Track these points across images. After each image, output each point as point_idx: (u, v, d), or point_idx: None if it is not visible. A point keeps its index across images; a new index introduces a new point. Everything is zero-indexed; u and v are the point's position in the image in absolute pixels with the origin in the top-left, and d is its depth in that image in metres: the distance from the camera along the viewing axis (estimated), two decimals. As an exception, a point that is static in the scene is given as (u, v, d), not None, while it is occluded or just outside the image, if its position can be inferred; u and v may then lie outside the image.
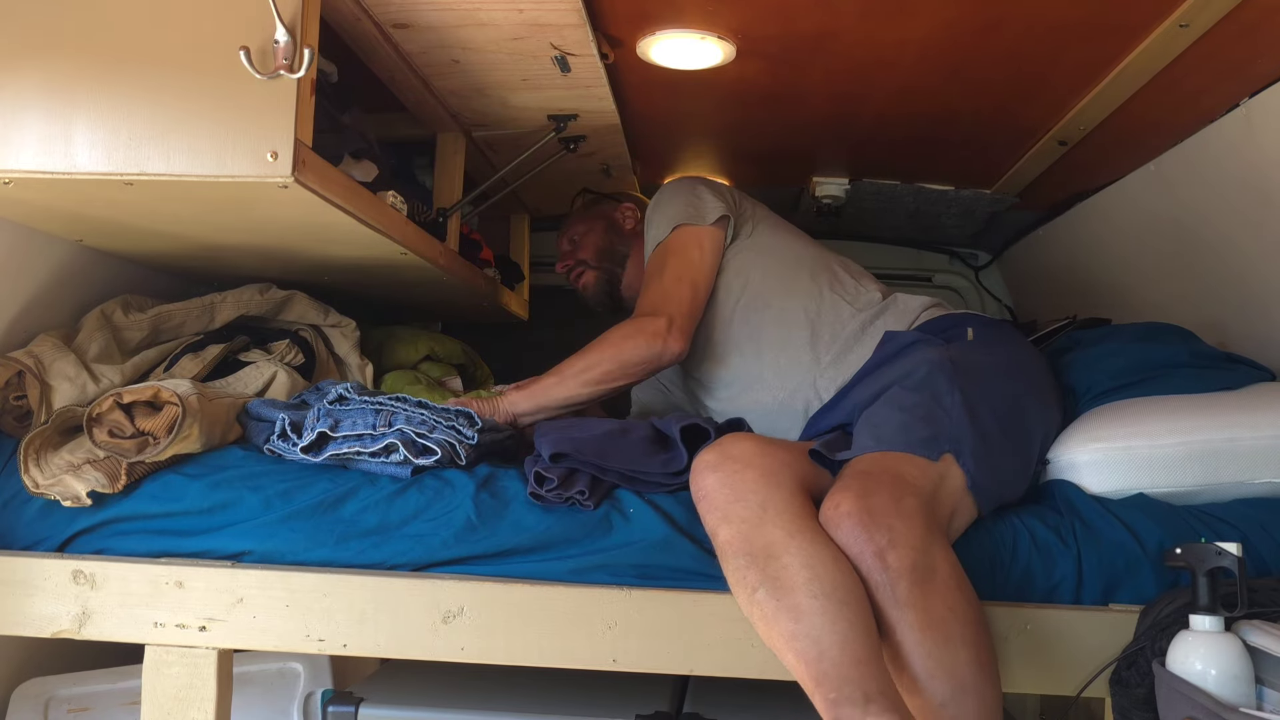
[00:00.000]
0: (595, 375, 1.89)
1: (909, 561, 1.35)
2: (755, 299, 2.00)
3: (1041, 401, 1.74)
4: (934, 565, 1.36)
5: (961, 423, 1.58)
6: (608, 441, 1.63)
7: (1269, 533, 1.53)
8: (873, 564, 1.36)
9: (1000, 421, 1.62)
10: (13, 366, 1.67)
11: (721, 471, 1.46)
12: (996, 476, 1.58)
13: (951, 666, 1.31)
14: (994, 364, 1.75)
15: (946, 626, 1.32)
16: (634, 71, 1.89)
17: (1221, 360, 1.83)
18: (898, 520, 1.38)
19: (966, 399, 1.62)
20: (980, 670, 1.33)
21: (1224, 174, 1.94)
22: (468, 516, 1.55)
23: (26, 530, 1.59)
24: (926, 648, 1.31)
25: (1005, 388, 1.69)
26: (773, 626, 1.33)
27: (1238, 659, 1.25)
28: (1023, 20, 1.62)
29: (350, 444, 1.61)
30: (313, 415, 1.64)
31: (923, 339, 1.82)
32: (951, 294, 3.31)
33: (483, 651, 1.49)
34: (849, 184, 2.60)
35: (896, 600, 1.33)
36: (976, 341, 1.82)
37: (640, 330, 1.89)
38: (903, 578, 1.34)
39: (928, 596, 1.33)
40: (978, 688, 1.32)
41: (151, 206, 1.56)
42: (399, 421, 1.62)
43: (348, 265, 2.00)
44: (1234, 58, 1.66)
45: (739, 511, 1.41)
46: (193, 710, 1.52)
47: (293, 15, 1.35)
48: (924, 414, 1.60)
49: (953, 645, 1.32)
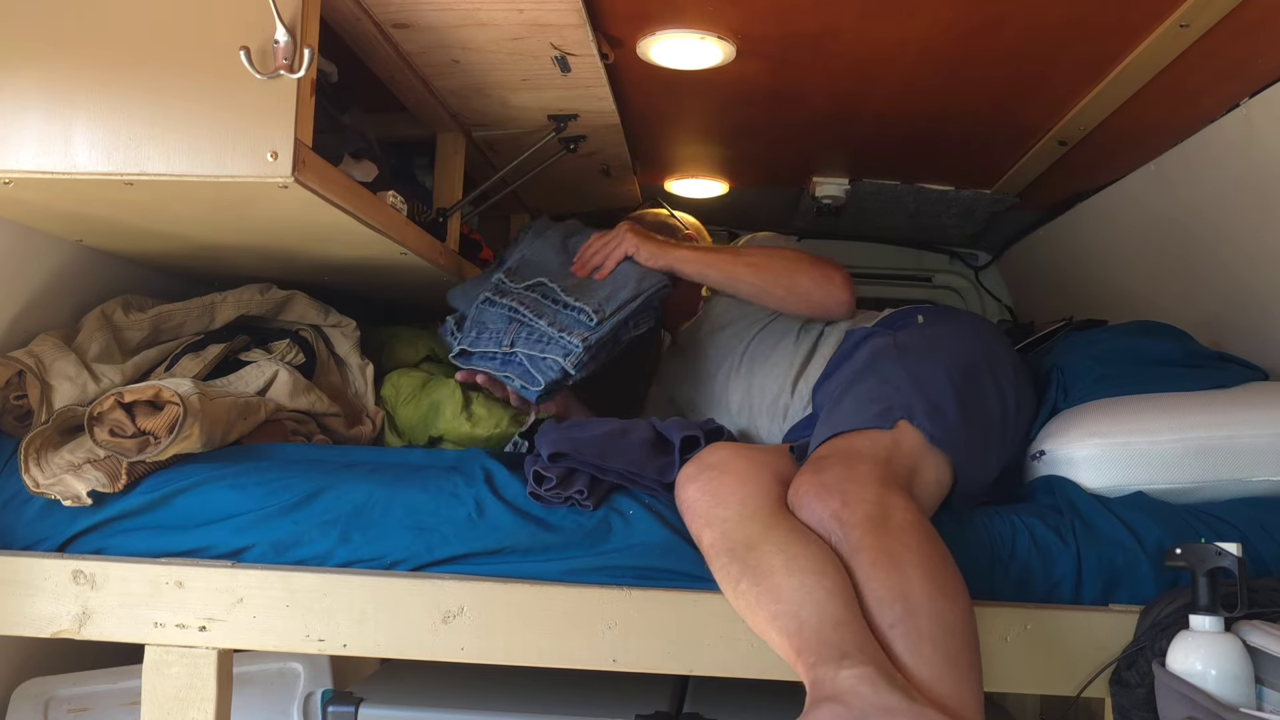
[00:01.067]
0: (764, 279, 1.92)
1: (861, 514, 1.37)
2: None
3: (998, 368, 1.75)
4: (888, 513, 1.37)
5: (909, 391, 1.61)
6: (608, 442, 1.63)
7: (1269, 533, 1.53)
8: (831, 526, 1.38)
9: (954, 384, 1.64)
10: (13, 366, 1.67)
11: (700, 480, 1.49)
12: (960, 433, 1.59)
13: (901, 589, 1.29)
14: (941, 337, 1.79)
15: (897, 556, 1.32)
16: (634, 71, 1.89)
17: (1215, 360, 1.84)
18: (850, 484, 1.41)
19: (911, 371, 1.66)
20: (939, 593, 1.29)
21: (1224, 174, 1.94)
22: (468, 513, 1.55)
23: (26, 530, 1.59)
24: (878, 578, 1.30)
25: (955, 356, 1.72)
26: (757, 612, 1.33)
27: (1238, 659, 1.25)
28: (1023, 20, 1.62)
29: (484, 361, 1.77)
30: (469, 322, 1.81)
31: (875, 332, 1.86)
32: (951, 294, 3.32)
33: (483, 651, 1.49)
34: (849, 184, 2.60)
35: (852, 548, 1.35)
36: (926, 325, 1.86)
37: (831, 276, 1.91)
38: (856, 527, 1.36)
39: (880, 538, 1.34)
40: (932, 609, 1.27)
41: (151, 206, 1.56)
42: (520, 343, 1.71)
43: (348, 265, 2.00)
44: (1234, 58, 1.66)
45: (719, 513, 1.44)
46: (193, 710, 1.52)
47: (293, 15, 1.35)
48: (873, 394, 1.64)
49: (903, 570, 1.30)
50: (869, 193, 2.67)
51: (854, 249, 3.26)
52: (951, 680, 1.23)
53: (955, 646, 1.26)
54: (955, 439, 1.57)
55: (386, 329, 2.36)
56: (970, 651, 1.27)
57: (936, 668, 1.23)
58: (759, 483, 1.47)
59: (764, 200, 2.90)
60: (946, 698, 1.21)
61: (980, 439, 1.64)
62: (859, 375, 1.72)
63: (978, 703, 1.24)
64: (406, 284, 2.26)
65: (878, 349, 1.77)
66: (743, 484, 1.46)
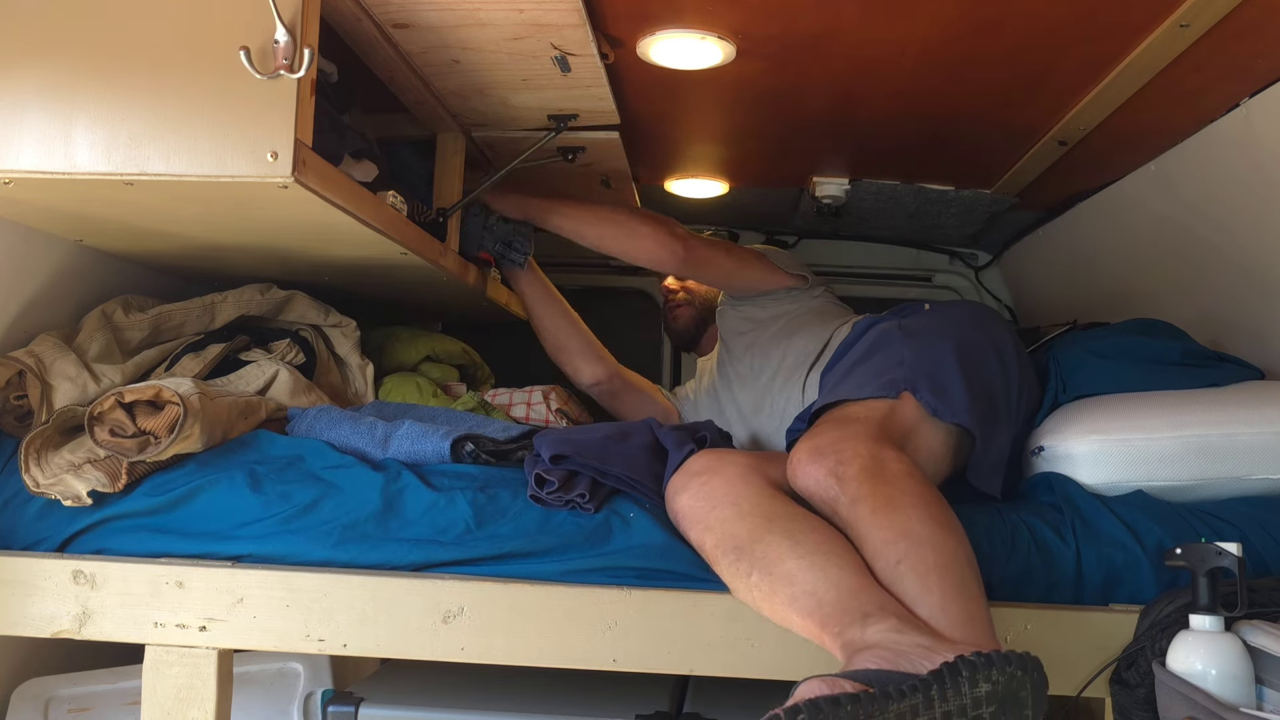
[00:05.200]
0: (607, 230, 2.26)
1: (857, 466, 1.41)
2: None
3: (1001, 346, 1.80)
4: (883, 464, 1.41)
5: (914, 366, 1.67)
6: (608, 445, 1.63)
7: (1269, 532, 1.53)
8: (828, 483, 1.42)
9: (959, 361, 1.69)
10: (13, 366, 1.67)
11: (690, 490, 1.50)
12: (966, 407, 1.62)
13: (903, 527, 1.33)
14: (947, 320, 1.86)
15: (895, 500, 1.37)
16: (634, 71, 1.89)
17: (1212, 359, 1.84)
18: (844, 441, 1.46)
19: (916, 349, 1.72)
20: (937, 526, 1.34)
21: (1224, 174, 1.94)
22: (465, 521, 1.55)
23: (26, 530, 1.59)
24: (879, 521, 1.35)
25: (961, 335, 1.78)
26: (774, 600, 1.35)
27: (1238, 659, 1.25)
28: (1023, 20, 1.62)
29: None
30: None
31: (882, 318, 1.95)
32: (951, 294, 3.32)
33: (483, 651, 1.49)
34: (849, 184, 2.60)
35: (852, 499, 1.39)
36: (933, 311, 1.93)
37: (665, 241, 2.20)
38: (852, 480, 1.40)
39: (877, 485, 1.39)
40: (933, 539, 1.33)
41: (151, 206, 1.56)
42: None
43: (348, 265, 2.00)
44: (1234, 57, 1.66)
45: (717, 515, 1.45)
46: (193, 710, 1.52)
47: (293, 15, 1.35)
48: (878, 369, 1.70)
49: (903, 510, 1.35)
50: (869, 192, 2.67)
51: (854, 249, 3.26)
52: (960, 606, 1.28)
53: (960, 574, 1.31)
54: (960, 413, 1.61)
55: (386, 329, 2.37)
56: (975, 581, 1.33)
57: (946, 595, 1.28)
58: (749, 482, 1.49)
59: (764, 200, 2.90)
60: (960, 625, 1.26)
61: (987, 414, 1.67)
62: (864, 356, 1.79)
63: (989, 626, 1.29)
64: (406, 284, 2.26)
65: (884, 332, 1.84)
66: (733, 486, 1.48)
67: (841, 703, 1.07)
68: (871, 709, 1.07)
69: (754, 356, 2.22)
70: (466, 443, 1.71)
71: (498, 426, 1.79)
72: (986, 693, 1.11)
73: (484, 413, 2.08)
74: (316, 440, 1.70)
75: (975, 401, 1.64)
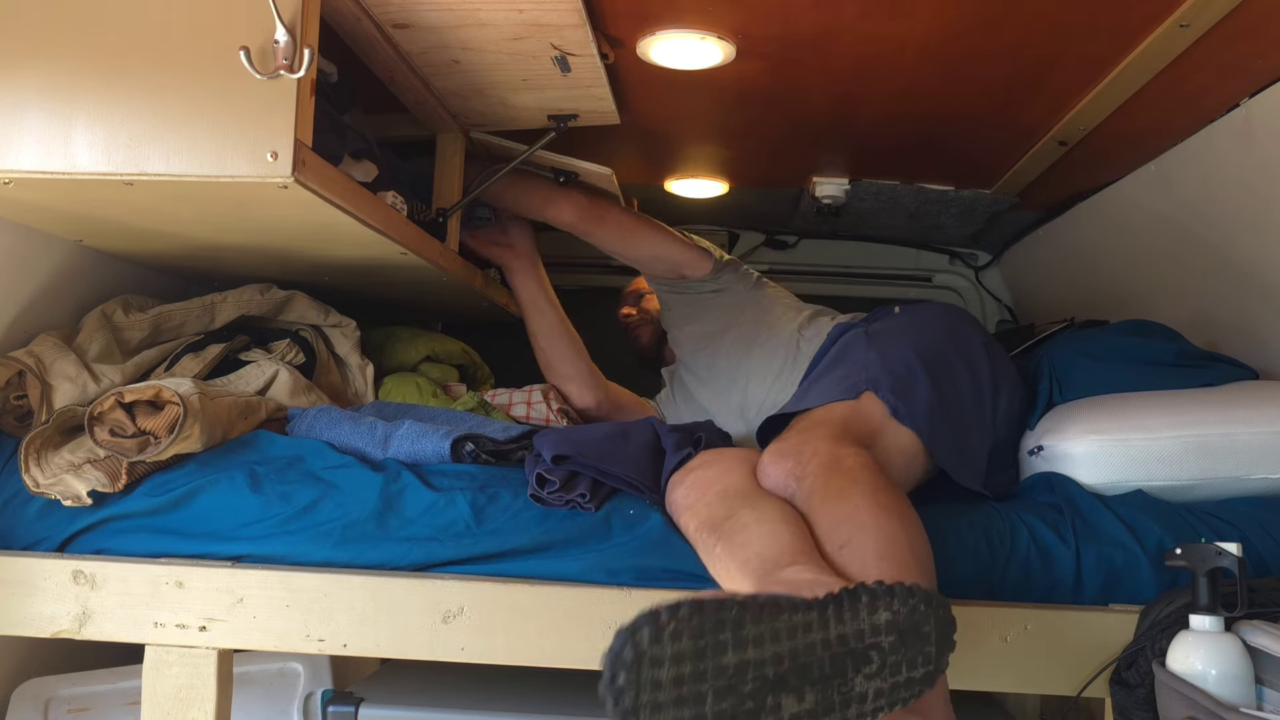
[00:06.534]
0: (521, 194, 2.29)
1: (816, 464, 1.45)
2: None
3: (968, 348, 1.81)
4: (840, 460, 1.44)
5: (876, 367, 1.70)
6: (609, 445, 1.63)
7: (1269, 532, 1.53)
8: (788, 482, 1.46)
9: (922, 361, 1.71)
10: (13, 366, 1.67)
11: (685, 483, 1.55)
12: (930, 409, 1.64)
13: (849, 515, 1.35)
14: (913, 322, 1.89)
15: (845, 491, 1.39)
16: (634, 71, 1.89)
17: (1207, 359, 1.85)
18: (804, 443, 1.51)
19: (879, 351, 1.75)
20: (886, 515, 1.35)
21: (1224, 174, 1.94)
22: (465, 521, 1.55)
23: (26, 530, 1.59)
24: (827, 510, 1.38)
25: (922, 336, 1.81)
26: (729, 567, 1.37)
27: (1238, 659, 1.25)
28: (1023, 20, 1.62)
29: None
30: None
31: (853, 325, 1.99)
32: (951, 294, 3.31)
33: (483, 651, 1.49)
34: (849, 184, 2.60)
35: (806, 493, 1.42)
36: (901, 313, 1.96)
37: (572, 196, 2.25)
38: (809, 476, 1.44)
39: (830, 479, 1.41)
40: (877, 524, 1.33)
41: (151, 206, 1.56)
42: None
43: (348, 265, 2.00)
44: (1234, 58, 1.66)
45: (702, 499, 1.49)
46: (193, 710, 1.52)
47: (293, 15, 1.35)
48: (840, 375, 1.73)
49: (851, 500, 1.37)
50: (869, 193, 2.67)
51: (854, 249, 3.26)
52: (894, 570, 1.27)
53: (900, 559, 1.30)
54: (921, 414, 1.62)
55: (386, 329, 2.36)
56: (917, 566, 1.31)
57: (881, 571, 1.26)
58: (737, 473, 1.53)
59: (764, 200, 2.89)
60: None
61: (955, 417, 1.68)
62: (830, 365, 1.84)
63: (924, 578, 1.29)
64: (406, 284, 2.26)
65: (851, 338, 1.89)
66: (721, 477, 1.52)
67: (727, 605, 1.03)
68: (760, 614, 1.04)
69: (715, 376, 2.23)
70: (466, 443, 1.71)
71: (498, 426, 1.79)
72: (886, 620, 1.09)
73: (484, 413, 2.08)
74: (316, 440, 1.70)
75: (941, 404, 1.66)
